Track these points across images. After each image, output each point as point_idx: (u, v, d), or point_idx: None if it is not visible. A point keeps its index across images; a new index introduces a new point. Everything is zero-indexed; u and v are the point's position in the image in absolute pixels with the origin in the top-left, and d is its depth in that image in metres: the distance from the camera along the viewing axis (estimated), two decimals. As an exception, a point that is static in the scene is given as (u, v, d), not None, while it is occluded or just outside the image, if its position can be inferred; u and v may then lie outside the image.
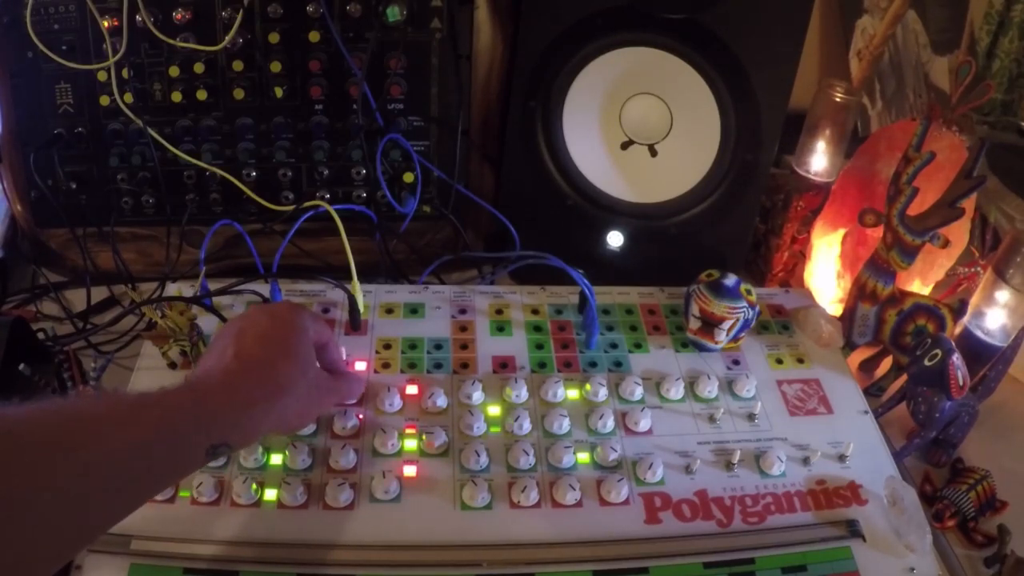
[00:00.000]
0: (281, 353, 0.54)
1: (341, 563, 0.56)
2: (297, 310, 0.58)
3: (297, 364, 0.54)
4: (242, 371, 0.52)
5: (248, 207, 0.85)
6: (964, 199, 0.73)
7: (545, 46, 0.82)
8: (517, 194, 0.89)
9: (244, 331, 0.55)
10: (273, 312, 0.58)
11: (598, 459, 0.64)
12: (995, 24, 1.12)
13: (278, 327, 0.56)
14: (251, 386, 0.51)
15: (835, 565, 0.60)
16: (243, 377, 0.51)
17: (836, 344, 0.78)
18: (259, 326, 0.55)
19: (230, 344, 0.53)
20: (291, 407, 0.54)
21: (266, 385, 0.52)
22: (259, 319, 0.56)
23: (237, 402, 0.50)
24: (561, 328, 0.76)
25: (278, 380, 0.53)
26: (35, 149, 0.81)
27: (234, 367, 0.52)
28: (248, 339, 0.54)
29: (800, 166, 0.92)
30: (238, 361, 0.52)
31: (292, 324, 0.56)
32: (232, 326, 0.56)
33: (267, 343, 0.54)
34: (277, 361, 0.54)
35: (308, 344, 0.57)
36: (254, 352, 0.53)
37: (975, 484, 0.69)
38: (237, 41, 0.79)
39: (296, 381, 0.54)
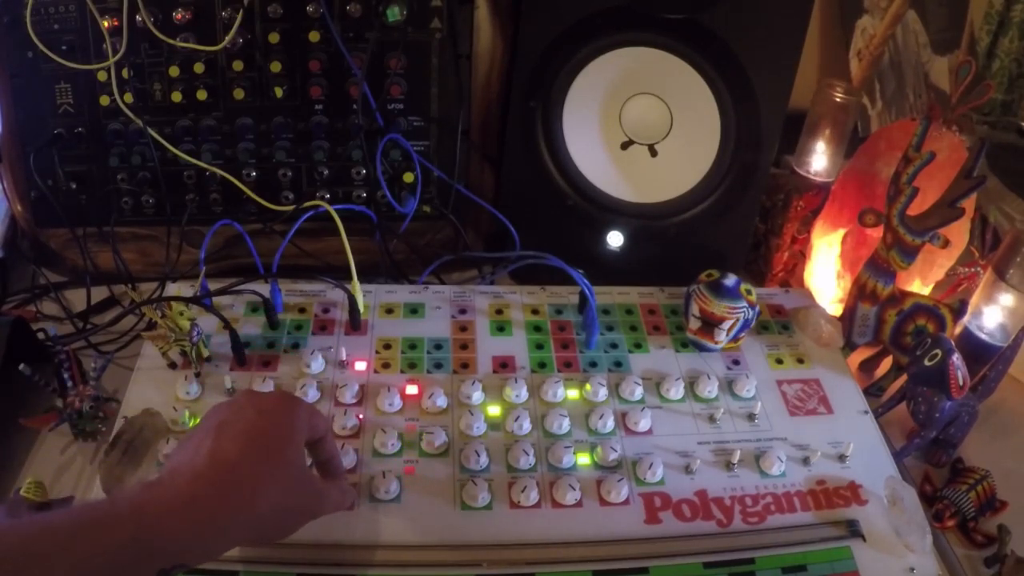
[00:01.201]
0: (262, 454, 0.48)
1: (341, 563, 0.56)
2: (290, 403, 0.52)
3: (279, 468, 0.48)
4: (211, 478, 0.45)
5: (248, 207, 0.85)
6: (964, 199, 0.73)
7: (545, 46, 0.82)
8: (517, 194, 0.89)
9: (226, 425, 0.48)
10: (263, 406, 0.51)
11: (598, 459, 0.64)
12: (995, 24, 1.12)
13: (264, 424, 0.49)
14: (218, 498, 0.45)
15: (835, 565, 0.60)
16: (211, 486, 0.45)
17: (836, 344, 0.78)
18: (244, 421, 0.49)
19: (207, 438, 0.47)
20: (266, 517, 0.48)
21: (236, 493, 0.46)
22: (246, 412, 0.50)
23: (197, 517, 0.44)
24: (561, 328, 0.76)
25: (253, 491, 0.46)
26: (35, 149, 0.81)
27: (204, 472, 0.46)
28: (228, 435, 0.48)
29: (800, 166, 0.92)
30: (210, 464, 0.46)
31: (282, 422, 0.50)
32: (217, 415, 0.50)
33: (249, 444, 0.48)
34: (255, 465, 0.47)
35: (297, 445, 0.50)
36: (230, 452, 0.47)
37: (975, 484, 0.69)
38: (237, 41, 0.79)
39: (274, 488, 0.48)
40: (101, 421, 0.68)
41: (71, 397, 0.67)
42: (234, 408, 0.50)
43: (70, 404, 0.67)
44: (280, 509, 0.49)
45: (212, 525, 0.45)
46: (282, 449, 0.49)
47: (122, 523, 0.42)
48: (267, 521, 0.48)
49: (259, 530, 0.49)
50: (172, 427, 0.64)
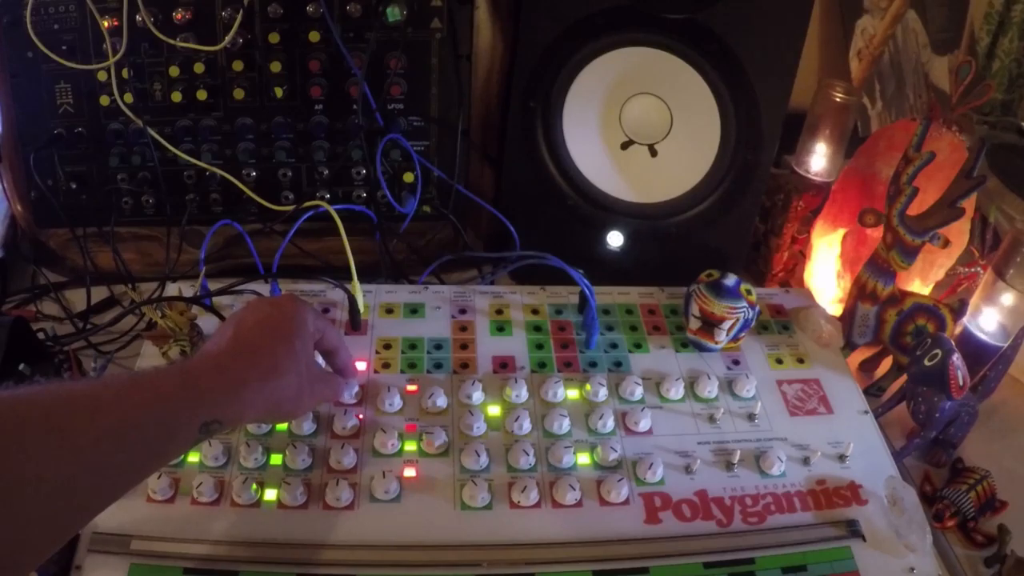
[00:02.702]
0: (278, 339, 0.55)
1: (341, 563, 0.56)
2: (300, 304, 0.60)
3: (292, 351, 0.56)
4: (236, 352, 0.53)
5: (248, 207, 0.85)
6: (964, 199, 0.73)
7: (545, 46, 0.82)
8: (517, 194, 0.89)
9: (244, 318, 0.57)
10: (275, 302, 0.60)
11: (598, 459, 0.64)
12: (995, 24, 1.12)
13: (278, 315, 0.57)
14: (244, 366, 0.53)
15: (835, 565, 0.60)
16: (236, 357, 0.53)
17: (836, 344, 0.78)
18: (260, 313, 0.57)
19: (229, 328, 0.56)
20: (283, 390, 0.55)
21: (258, 366, 0.53)
22: (261, 307, 0.58)
23: (228, 381, 0.51)
24: (561, 328, 0.76)
25: (272, 362, 0.54)
26: (35, 149, 0.81)
27: (229, 348, 0.54)
28: (247, 325, 0.56)
29: (800, 166, 0.92)
30: (234, 343, 0.54)
31: (292, 314, 0.58)
32: (235, 314, 0.58)
33: (265, 329, 0.56)
34: (273, 345, 0.55)
35: (306, 335, 0.58)
36: (251, 336, 0.55)
37: (975, 484, 0.69)
38: (237, 41, 0.79)
39: (289, 366, 0.55)
40: (101, 421, 0.68)
41: (71, 397, 0.67)
42: (250, 306, 0.59)
43: (70, 404, 0.67)
44: (292, 385, 0.55)
45: (241, 387, 0.52)
46: (292, 335, 0.56)
47: (171, 375, 0.49)
48: (283, 392, 0.55)
49: (277, 400, 0.55)
50: (172, 427, 0.64)
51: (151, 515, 0.57)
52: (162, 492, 0.58)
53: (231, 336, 0.55)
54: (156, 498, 0.58)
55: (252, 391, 0.52)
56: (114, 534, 0.56)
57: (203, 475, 0.59)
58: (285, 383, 0.55)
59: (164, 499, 0.58)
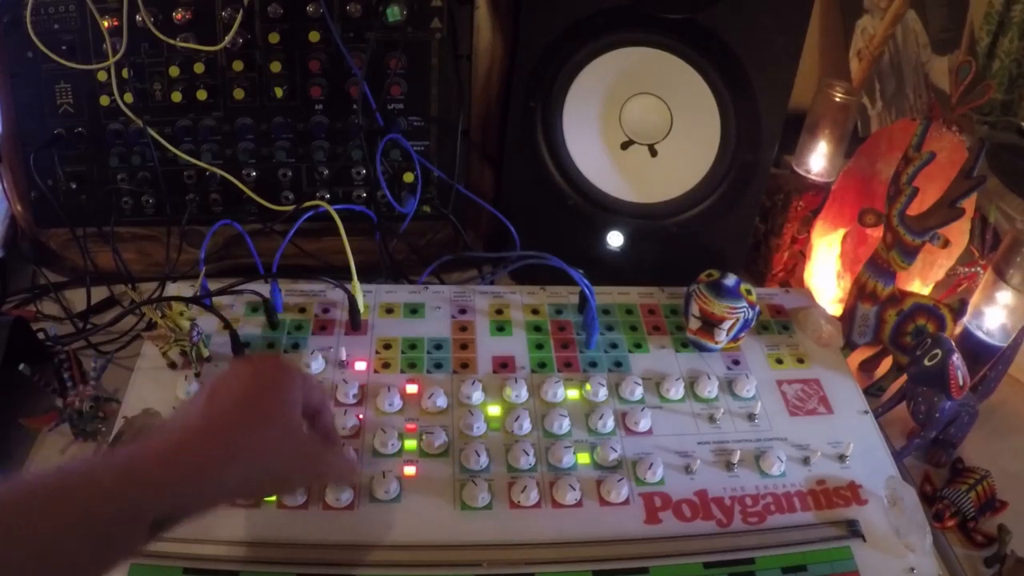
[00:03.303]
0: (254, 410, 0.49)
1: (341, 563, 0.56)
2: (284, 367, 0.53)
3: (271, 423, 0.49)
4: (202, 427, 0.47)
5: (248, 207, 0.85)
6: (964, 199, 0.73)
7: (545, 46, 0.82)
8: (517, 194, 0.89)
9: (220, 385, 0.50)
10: (257, 367, 0.52)
11: (598, 459, 0.64)
12: (995, 24, 1.12)
13: (259, 383, 0.51)
14: (209, 444, 0.46)
15: (835, 565, 0.60)
16: (201, 433, 0.46)
17: (836, 344, 0.78)
18: (238, 381, 0.50)
19: (201, 398, 0.49)
20: (258, 469, 0.48)
21: (227, 442, 0.47)
22: (241, 373, 0.51)
23: (185, 468, 0.44)
24: (561, 328, 0.76)
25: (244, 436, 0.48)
26: (35, 149, 0.81)
27: (194, 422, 0.47)
28: (222, 394, 0.49)
29: (800, 166, 0.92)
30: (203, 415, 0.47)
31: (275, 381, 0.51)
32: (213, 378, 0.51)
33: (241, 399, 0.49)
34: (247, 418, 0.48)
35: (291, 403, 0.51)
36: (223, 408, 0.48)
37: (975, 484, 0.69)
38: (237, 41, 0.79)
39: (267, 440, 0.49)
40: (101, 421, 0.68)
41: (71, 397, 0.67)
42: (230, 372, 0.52)
43: (70, 404, 0.67)
44: (273, 464, 0.49)
45: (201, 474, 0.45)
46: (275, 408, 0.50)
47: (110, 471, 0.42)
48: (259, 474, 0.49)
49: (252, 483, 0.49)
50: (172, 427, 0.64)
51: (151, 515, 0.57)
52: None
53: (201, 407, 0.48)
54: (156, 498, 0.58)
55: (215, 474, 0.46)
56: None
57: (203, 475, 0.59)
58: (260, 461, 0.48)
59: (164, 499, 0.58)
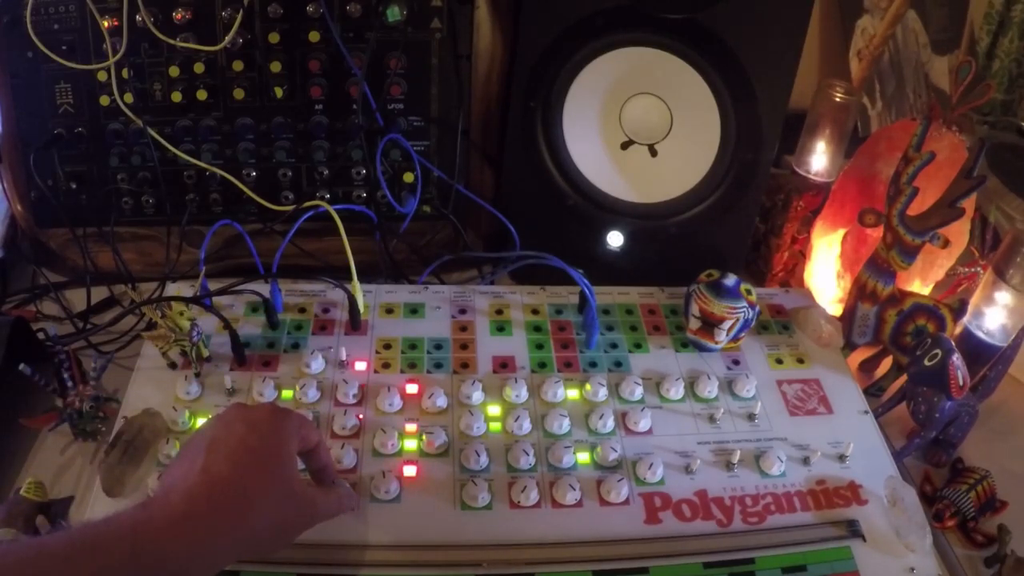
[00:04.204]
0: (254, 467, 0.48)
1: (341, 563, 0.56)
2: (280, 416, 0.52)
3: (271, 480, 0.49)
4: (205, 495, 0.46)
5: (248, 207, 0.85)
6: (964, 199, 0.73)
7: (545, 46, 0.82)
8: (517, 194, 0.89)
9: (216, 441, 0.49)
10: (252, 420, 0.51)
11: (598, 459, 0.64)
12: (995, 24, 1.12)
13: (255, 437, 0.49)
14: (212, 512, 0.45)
15: (835, 565, 0.60)
16: (205, 502, 0.46)
17: (836, 344, 0.78)
18: (234, 436, 0.49)
19: (199, 456, 0.48)
20: (261, 528, 0.48)
21: (230, 508, 0.46)
22: (235, 427, 0.50)
23: (193, 533, 0.44)
24: (561, 328, 0.76)
25: (246, 499, 0.47)
26: (35, 149, 0.81)
27: (196, 488, 0.46)
28: (219, 452, 0.48)
29: (800, 166, 0.92)
30: (203, 481, 0.46)
31: (271, 433, 0.50)
32: (206, 433, 0.50)
33: (240, 459, 0.48)
34: (247, 478, 0.47)
35: (288, 456, 0.51)
36: (222, 470, 0.47)
37: (975, 484, 0.69)
38: (237, 41, 0.79)
39: (267, 500, 0.48)
40: (101, 421, 0.68)
41: (71, 397, 0.67)
42: (223, 424, 0.50)
43: (70, 404, 0.67)
44: (275, 522, 0.49)
45: (209, 541, 0.45)
46: (273, 462, 0.49)
47: (120, 542, 0.42)
48: (263, 535, 0.49)
49: (256, 544, 0.49)
50: (172, 427, 0.64)
51: (151, 515, 0.57)
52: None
53: (200, 468, 0.47)
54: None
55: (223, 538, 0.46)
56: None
57: (203, 475, 0.59)
58: (263, 520, 0.48)
59: (164, 499, 0.58)
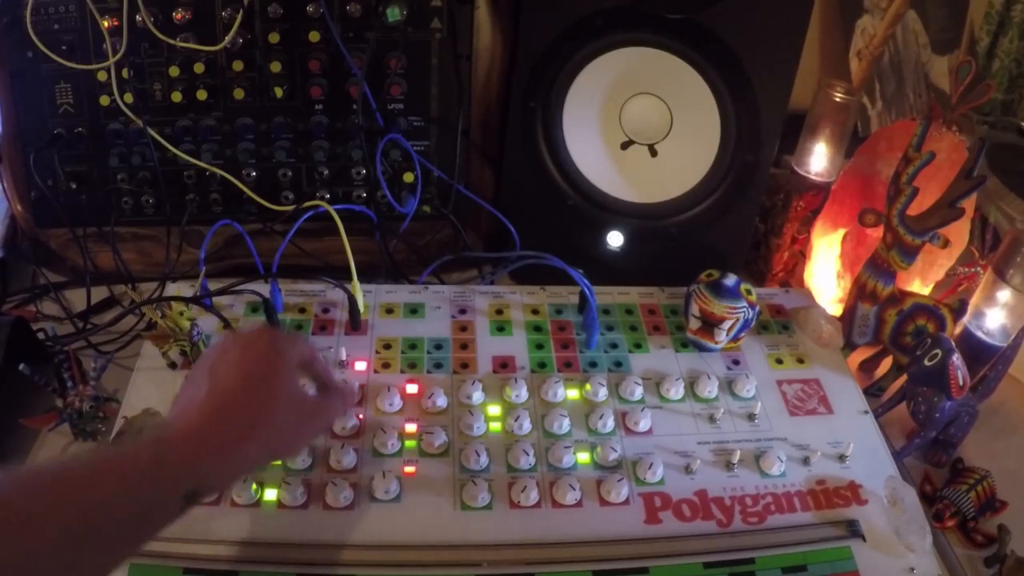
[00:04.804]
0: (256, 383, 0.51)
1: (341, 563, 0.56)
2: (272, 335, 0.55)
3: (274, 393, 0.52)
4: (214, 409, 0.49)
5: (248, 207, 0.85)
6: (964, 199, 0.73)
7: (545, 46, 0.82)
8: (517, 194, 0.89)
9: (217, 365, 0.52)
10: (247, 342, 0.54)
11: (598, 459, 0.64)
12: (995, 24, 1.12)
13: (252, 356, 0.52)
14: (224, 425, 0.48)
15: (835, 565, 0.60)
16: (215, 415, 0.49)
17: (836, 344, 0.78)
18: (232, 357, 0.52)
19: (203, 380, 0.51)
20: (273, 437, 0.51)
21: (240, 420, 0.49)
22: (232, 351, 0.53)
23: (210, 446, 0.47)
24: (561, 328, 0.76)
25: (254, 412, 0.50)
26: (35, 149, 0.81)
27: (207, 405, 0.49)
28: (222, 373, 0.51)
29: (800, 166, 0.92)
30: (211, 398, 0.50)
31: (267, 351, 0.53)
32: (205, 361, 0.53)
33: (241, 375, 0.51)
34: (252, 393, 0.51)
35: (287, 369, 0.53)
36: (227, 386, 0.50)
37: (975, 484, 0.69)
38: (237, 41, 0.79)
39: (274, 411, 0.51)
40: (101, 421, 0.68)
41: (71, 397, 0.67)
42: (220, 350, 0.54)
43: (70, 404, 0.67)
44: (285, 430, 0.52)
45: (224, 449, 0.48)
46: (274, 375, 0.52)
47: (144, 451, 0.45)
48: (274, 440, 0.51)
49: (269, 449, 0.52)
50: (172, 427, 0.64)
51: (151, 515, 0.57)
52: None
53: (207, 391, 0.50)
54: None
55: (236, 452, 0.48)
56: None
57: (203, 475, 0.59)
58: (273, 429, 0.51)
59: (164, 499, 0.58)
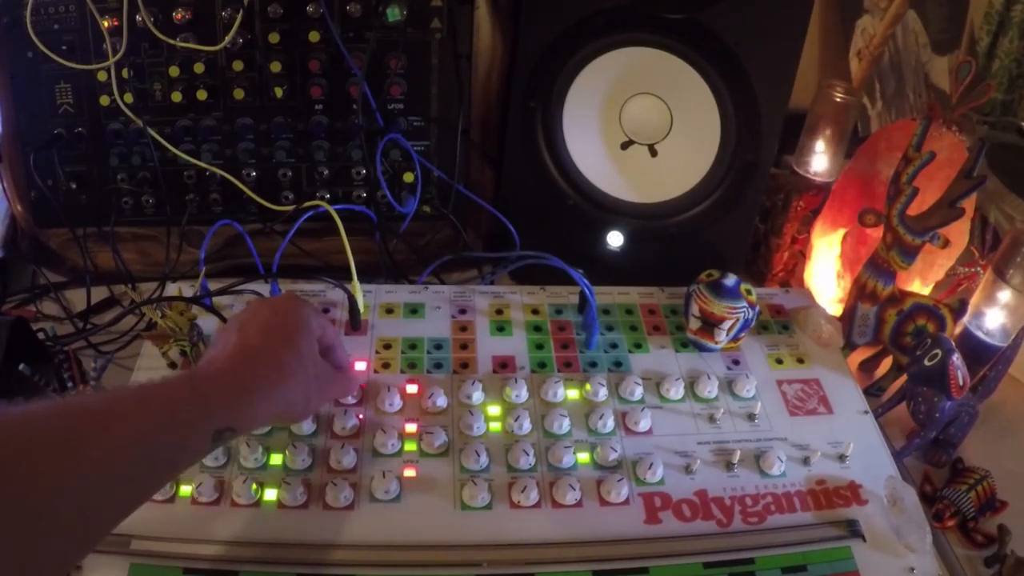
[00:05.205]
0: (282, 341, 0.55)
1: (341, 563, 0.56)
2: (300, 302, 0.60)
3: (298, 352, 0.56)
4: (243, 357, 0.53)
5: (248, 207, 0.85)
6: (964, 199, 0.73)
7: (545, 46, 0.82)
8: (517, 194, 0.89)
9: (247, 322, 0.56)
10: (275, 304, 0.59)
11: (598, 459, 0.64)
12: (995, 24, 1.12)
13: (280, 317, 0.57)
14: (252, 371, 0.53)
15: (835, 565, 0.60)
16: (244, 363, 0.53)
17: (836, 344, 0.78)
18: (261, 317, 0.57)
19: (233, 334, 0.55)
20: (292, 392, 0.55)
21: (267, 370, 0.53)
22: (261, 310, 0.58)
23: (238, 387, 0.51)
24: (561, 328, 0.76)
25: (279, 366, 0.54)
26: (35, 149, 0.81)
27: (236, 354, 0.53)
28: (250, 329, 0.55)
29: (800, 166, 0.92)
30: (240, 349, 0.53)
31: (294, 315, 0.58)
32: (235, 319, 0.58)
33: (269, 332, 0.55)
34: (278, 348, 0.55)
35: (310, 335, 0.58)
36: (255, 340, 0.54)
37: (975, 484, 0.69)
38: (237, 41, 0.79)
39: (296, 368, 0.55)
40: (101, 421, 0.68)
41: (71, 397, 0.67)
42: (249, 310, 0.59)
43: (70, 404, 0.67)
44: (304, 389, 0.56)
45: (251, 394, 0.52)
46: (297, 337, 0.56)
47: (180, 385, 0.49)
48: (291, 397, 0.55)
49: (287, 403, 0.55)
50: (172, 427, 0.64)
51: (151, 515, 0.56)
52: (162, 492, 0.58)
53: (236, 342, 0.54)
54: (156, 498, 0.58)
55: (262, 396, 0.52)
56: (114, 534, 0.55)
57: (203, 475, 0.59)
58: (293, 386, 0.54)
59: (164, 499, 0.58)
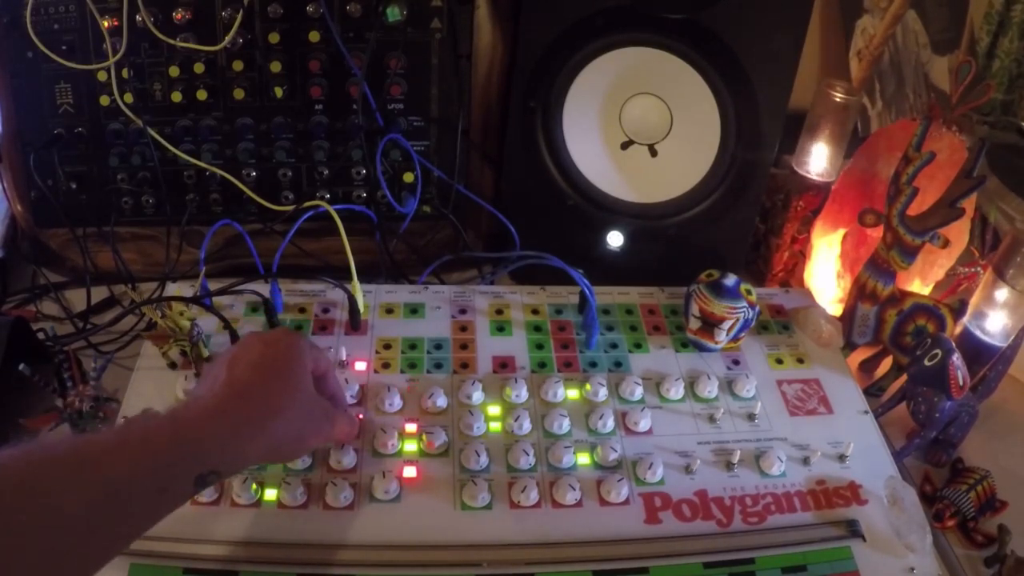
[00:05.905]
0: (273, 377, 0.53)
1: (341, 563, 0.56)
2: (293, 336, 0.57)
3: (289, 389, 0.53)
4: (230, 395, 0.51)
5: (248, 207, 0.85)
6: (964, 199, 0.73)
7: (545, 46, 0.82)
8: (517, 194, 0.89)
9: (236, 357, 0.54)
10: (267, 339, 0.56)
11: (598, 459, 0.64)
12: (995, 24, 1.12)
13: (271, 353, 0.54)
14: (239, 411, 0.50)
15: (835, 565, 0.60)
16: (230, 401, 0.50)
17: (836, 344, 0.78)
18: (252, 351, 0.54)
19: (221, 370, 0.53)
20: (283, 430, 0.52)
21: (255, 409, 0.51)
22: (253, 345, 0.55)
23: (224, 427, 0.49)
24: (561, 328, 0.76)
25: (268, 404, 0.51)
26: (35, 149, 0.81)
27: (222, 391, 0.51)
28: (239, 365, 0.53)
29: (800, 166, 0.92)
30: (227, 387, 0.51)
31: (287, 350, 0.55)
32: (226, 354, 0.55)
33: (259, 368, 0.53)
34: (268, 385, 0.52)
35: (303, 370, 0.55)
36: (244, 377, 0.52)
37: (975, 484, 0.69)
38: (237, 41, 0.79)
39: (287, 406, 0.53)
40: (101, 421, 0.68)
41: (71, 397, 0.67)
42: (241, 345, 0.56)
43: (70, 404, 0.67)
44: (296, 428, 0.53)
45: (236, 435, 0.49)
46: (289, 373, 0.54)
47: (161, 428, 0.47)
48: (283, 435, 0.52)
49: (277, 447, 0.53)
50: (172, 427, 0.64)
51: (151, 515, 0.57)
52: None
53: (223, 379, 0.52)
54: (156, 498, 0.58)
55: (249, 436, 0.50)
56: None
57: (203, 475, 0.59)
58: (283, 423, 0.52)
59: (164, 499, 0.58)
